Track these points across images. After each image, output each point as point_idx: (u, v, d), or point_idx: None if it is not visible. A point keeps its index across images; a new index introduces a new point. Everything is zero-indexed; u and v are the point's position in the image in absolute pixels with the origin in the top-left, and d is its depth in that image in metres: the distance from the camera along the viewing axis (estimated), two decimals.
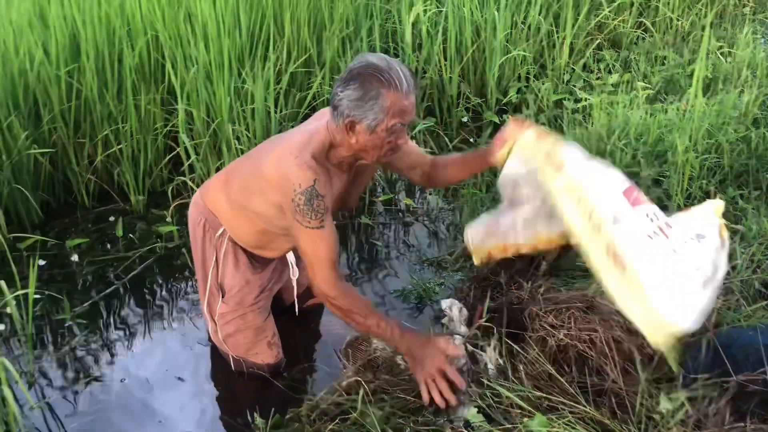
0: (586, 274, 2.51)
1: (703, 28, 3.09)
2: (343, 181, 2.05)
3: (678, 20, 4.49)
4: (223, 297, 2.22)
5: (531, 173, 2.03)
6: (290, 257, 2.35)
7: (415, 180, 2.32)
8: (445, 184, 2.62)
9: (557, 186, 1.93)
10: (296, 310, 2.44)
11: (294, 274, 2.38)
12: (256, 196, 2.02)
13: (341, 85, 1.86)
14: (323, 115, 2.09)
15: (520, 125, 2.04)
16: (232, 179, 2.13)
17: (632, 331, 2.20)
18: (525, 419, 1.81)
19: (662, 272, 1.79)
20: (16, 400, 2.18)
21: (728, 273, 2.39)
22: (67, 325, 2.53)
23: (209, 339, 2.41)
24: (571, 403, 1.86)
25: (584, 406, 1.84)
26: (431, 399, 1.88)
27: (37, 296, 2.61)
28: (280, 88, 3.31)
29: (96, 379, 2.31)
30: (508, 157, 2.06)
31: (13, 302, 2.33)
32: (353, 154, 1.97)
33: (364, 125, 1.86)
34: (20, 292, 2.29)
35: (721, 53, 4.05)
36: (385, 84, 1.81)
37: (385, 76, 1.81)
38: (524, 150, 2.03)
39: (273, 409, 2.04)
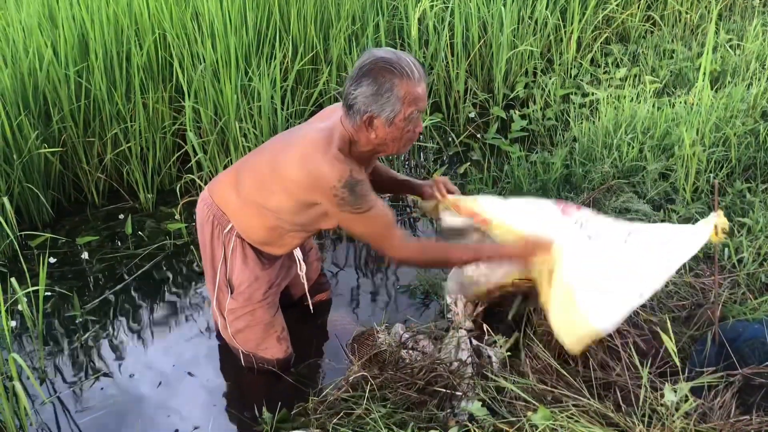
0: None
1: (712, 21, 3.06)
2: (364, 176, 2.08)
3: (687, 13, 4.46)
4: (232, 293, 2.24)
5: (469, 223, 2.19)
6: (297, 253, 2.37)
7: None
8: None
9: (494, 233, 2.10)
10: (311, 306, 2.46)
11: (302, 269, 2.39)
12: (278, 195, 2.02)
13: (354, 84, 1.88)
14: (332, 112, 2.09)
15: (441, 190, 2.24)
16: (244, 176, 2.13)
17: (637, 325, 2.21)
18: (529, 413, 1.82)
19: (587, 276, 1.91)
20: (28, 395, 2.22)
21: (734, 266, 2.38)
22: (77, 321, 2.57)
23: (218, 335, 2.43)
24: (576, 396, 1.87)
25: (588, 399, 1.84)
26: None
27: (48, 293, 2.64)
28: (287, 86, 3.33)
29: (106, 374, 2.34)
30: (435, 208, 2.26)
31: (24, 299, 2.36)
32: (373, 149, 2.00)
33: (383, 118, 1.89)
34: (31, 289, 2.32)
35: (730, 46, 4.02)
36: (397, 74, 1.85)
37: (396, 66, 1.85)
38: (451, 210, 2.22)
39: (279, 404, 2.07)
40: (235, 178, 2.16)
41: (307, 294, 2.44)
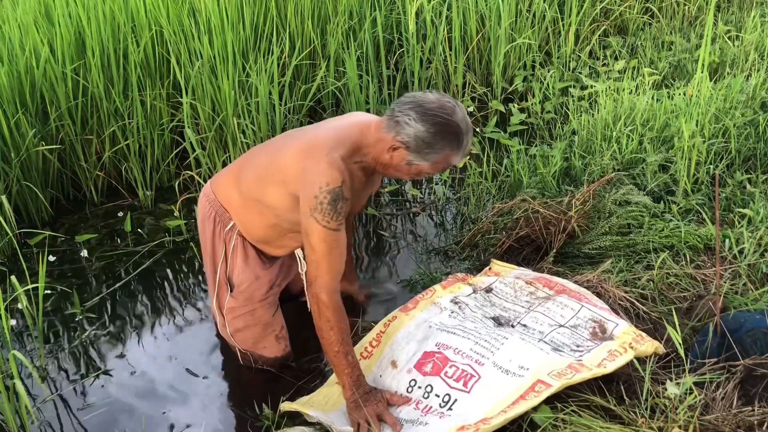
0: (592, 261, 2.52)
1: (710, 12, 3.06)
2: (361, 184, 2.06)
3: (685, 5, 4.45)
4: (231, 291, 2.23)
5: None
6: (298, 252, 2.35)
7: None
8: None
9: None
10: (308, 303, 2.44)
11: (302, 268, 2.36)
12: (273, 187, 2.02)
13: (420, 116, 1.89)
14: (352, 116, 2.12)
15: None
16: (246, 172, 2.12)
17: (640, 317, 2.21)
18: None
19: None
20: (29, 393, 2.21)
21: (735, 257, 2.38)
22: (77, 319, 2.56)
23: (218, 332, 2.42)
24: (577, 393, 1.86)
25: (588, 395, 1.84)
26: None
27: (48, 292, 2.64)
28: (285, 81, 3.32)
29: (106, 372, 2.34)
30: None
31: (24, 297, 2.35)
32: (376, 164, 2.01)
33: (409, 158, 1.94)
34: (30, 286, 2.31)
35: (729, 37, 4.01)
36: (454, 147, 1.92)
37: (459, 140, 1.92)
38: None
39: (281, 400, 2.06)
40: (237, 175, 2.15)
41: (306, 291, 2.42)
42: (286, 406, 2.03)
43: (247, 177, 2.10)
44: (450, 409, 1.85)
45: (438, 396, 1.90)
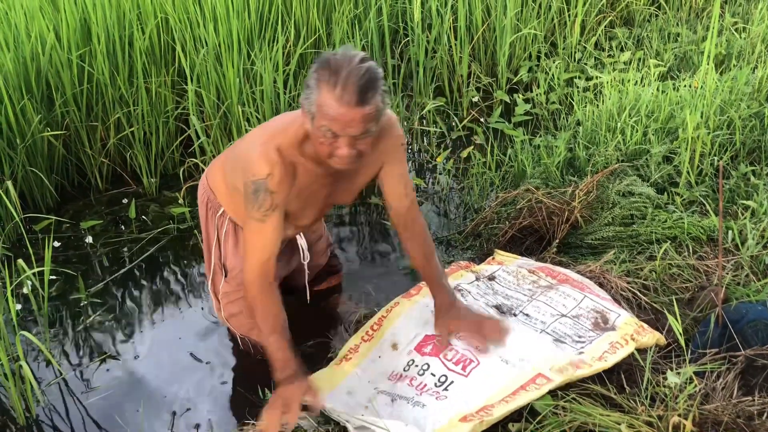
0: (595, 251, 2.52)
1: (716, 4, 3.05)
2: (316, 175, 1.93)
3: None
4: (225, 276, 2.24)
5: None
6: (301, 242, 2.32)
7: (390, 214, 2.15)
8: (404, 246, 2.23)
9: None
10: (308, 296, 2.42)
11: (305, 258, 2.36)
12: (239, 174, 1.99)
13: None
14: None
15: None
16: (230, 158, 2.12)
17: (642, 307, 2.22)
18: None
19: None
20: (34, 376, 2.23)
21: (737, 248, 2.38)
22: (82, 304, 2.58)
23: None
24: (577, 382, 1.87)
25: (589, 383, 1.85)
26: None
27: (53, 277, 2.65)
28: (290, 70, 3.32)
29: (111, 356, 2.36)
30: None
31: (29, 282, 2.37)
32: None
33: (306, 111, 1.76)
34: (36, 269, 2.32)
35: (736, 29, 3.99)
36: (325, 80, 1.68)
37: (332, 74, 1.67)
38: None
39: None
40: (224, 162, 2.14)
41: (307, 285, 2.40)
42: None
43: (230, 163, 2.10)
44: (446, 389, 1.85)
45: (434, 375, 1.90)
